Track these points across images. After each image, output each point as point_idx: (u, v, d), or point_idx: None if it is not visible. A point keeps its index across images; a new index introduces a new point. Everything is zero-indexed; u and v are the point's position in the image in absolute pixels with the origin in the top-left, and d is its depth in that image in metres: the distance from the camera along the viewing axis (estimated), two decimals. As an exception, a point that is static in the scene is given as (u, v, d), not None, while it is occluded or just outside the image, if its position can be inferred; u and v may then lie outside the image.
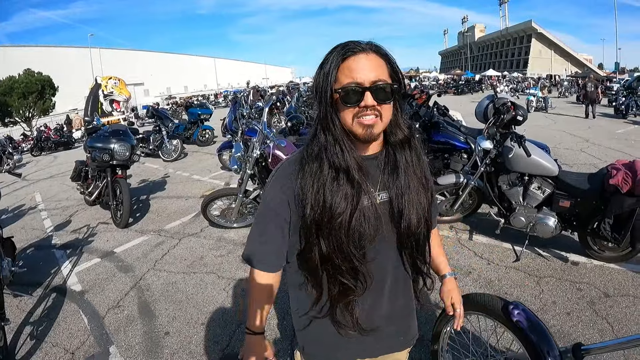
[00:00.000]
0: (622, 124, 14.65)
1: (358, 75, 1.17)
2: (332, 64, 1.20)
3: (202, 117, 14.60)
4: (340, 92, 1.19)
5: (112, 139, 6.53)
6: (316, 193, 1.25)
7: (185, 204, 7.50)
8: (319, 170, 1.25)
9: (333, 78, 1.19)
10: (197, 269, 4.71)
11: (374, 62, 1.20)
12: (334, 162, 1.24)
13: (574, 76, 42.36)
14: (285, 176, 1.32)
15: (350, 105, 1.19)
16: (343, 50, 1.19)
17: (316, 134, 1.29)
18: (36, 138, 21.95)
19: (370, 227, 1.28)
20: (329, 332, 1.43)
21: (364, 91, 1.17)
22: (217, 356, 3.18)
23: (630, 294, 3.56)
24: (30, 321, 3.93)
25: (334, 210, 1.23)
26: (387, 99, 1.21)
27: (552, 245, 4.48)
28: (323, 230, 1.26)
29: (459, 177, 4.85)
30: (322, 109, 1.24)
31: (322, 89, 1.22)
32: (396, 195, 1.32)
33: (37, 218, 7.76)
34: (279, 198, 1.31)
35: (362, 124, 1.21)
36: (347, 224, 1.24)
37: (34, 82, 39.19)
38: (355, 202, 1.24)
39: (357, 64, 1.18)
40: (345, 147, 1.24)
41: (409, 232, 1.35)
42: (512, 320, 1.84)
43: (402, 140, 1.32)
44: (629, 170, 3.61)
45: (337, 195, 1.24)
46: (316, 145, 1.28)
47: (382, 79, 1.19)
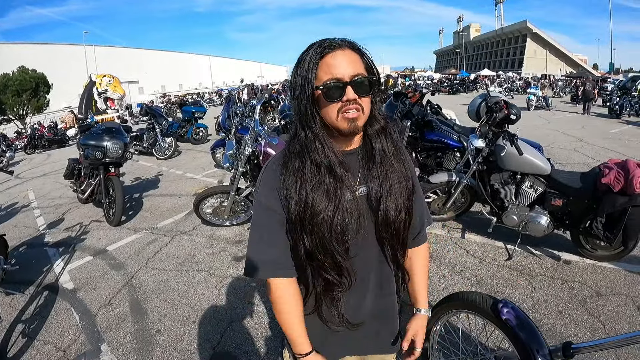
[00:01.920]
0: (616, 123, 14.73)
1: (338, 71, 1.19)
2: (311, 62, 1.20)
3: (196, 115, 14.57)
4: (322, 89, 1.19)
5: (105, 136, 6.50)
6: (299, 190, 1.25)
7: (178, 202, 7.48)
8: (301, 167, 1.26)
9: (313, 75, 1.20)
10: (189, 266, 4.70)
11: (350, 57, 1.22)
12: (316, 159, 1.25)
13: (569, 76, 42.52)
14: (272, 175, 1.32)
15: (333, 100, 1.20)
16: (320, 48, 1.20)
17: (296, 132, 1.30)
18: (30, 136, 21.82)
19: (353, 221, 1.29)
20: (316, 329, 1.42)
21: (345, 86, 1.19)
22: (208, 354, 3.17)
23: (622, 293, 3.57)
24: (22, 319, 3.91)
25: (316, 207, 1.24)
26: (367, 92, 1.23)
27: (544, 243, 4.50)
28: (306, 226, 1.26)
29: (452, 176, 4.85)
30: (302, 106, 1.25)
31: (302, 87, 1.22)
32: (373, 186, 1.33)
33: (29, 216, 7.71)
34: (272, 196, 1.30)
35: (346, 118, 1.22)
36: (330, 220, 1.25)
37: (28, 80, 38.92)
38: (338, 198, 1.25)
39: (335, 60, 1.20)
40: (325, 144, 1.25)
41: (387, 222, 1.34)
42: (502, 318, 1.84)
43: (379, 130, 1.34)
44: (621, 170, 3.63)
45: (318, 192, 1.25)
46: (297, 143, 1.29)
47: (360, 72, 1.21)
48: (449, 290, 3.73)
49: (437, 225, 5.29)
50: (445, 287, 3.85)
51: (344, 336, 1.45)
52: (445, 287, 3.85)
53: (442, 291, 3.75)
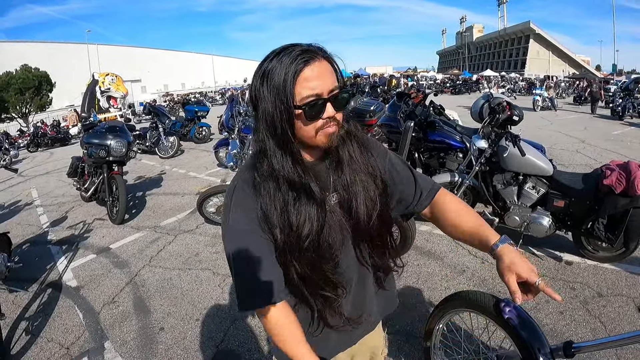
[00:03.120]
0: (619, 125, 14.68)
1: (316, 86, 1.09)
2: (287, 76, 1.08)
3: (199, 115, 14.58)
4: (304, 108, 1.10)
5: (109, 135, 6.54)
6: (280, 215, 1.18)
7: (182, 200, 7.51)
8: (277, 191, 1.18)
9: (291, 92, 1.08)
10: (192, 265, 4.72)
11: (326, 68, 1.13)
12: (295, 184, 1.17)
13: (572, 77, 42.40)
14: (244, 197, 1.22)
15: (314, 119, 1.13)
16: (297, 60, 1.08)
17: (264, 151, 1.19)
18: (33, 134, 21.84)
19: (337, 235, 1.25)
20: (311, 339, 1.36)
21: (324, 102, 1.12)
22: (211, 352, 3.19)
23: (624, 294, 3.58)
24: (26, 316, 3.94)
25: (302, 233, 1.18)
26: (343, 106, 1.18)
27: (546, 244, 4.51)
28: (294, 251, 1.21)
29: (454, 176, 4.86)
30: (276, 125, 1.13)
31: (275, 104, 1.11)
32: (344, 192, 1.27)
33: (33, 214, 7.75)
34: (250, 220, 1.20)
35: (327, 133, 1.16)
36: (317, 242, 1.21)
37: (31, 78, 39.07)
38: (321, 219, 1.20)
39: (312, 73, 1.09)
40: (303, 166, 1.19)
41: (359, 227, 1.29)
42: (504, 317, 1.85)
43: (344, 135, 1.24)
44: (623, 171, 3.63)
45: (300, 217, 1.18)
46: (267, 164, 1.18)
47: (335, 86, 1.14)
48: (451, 290, 3.74)
49: (439, 225, 5.28)
50: (447, 287, 3.86)
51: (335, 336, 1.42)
52: (447, 287, 3.86)
53: (444, 291, 3.77)
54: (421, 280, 4.02)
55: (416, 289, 3.83)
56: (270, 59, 1.12)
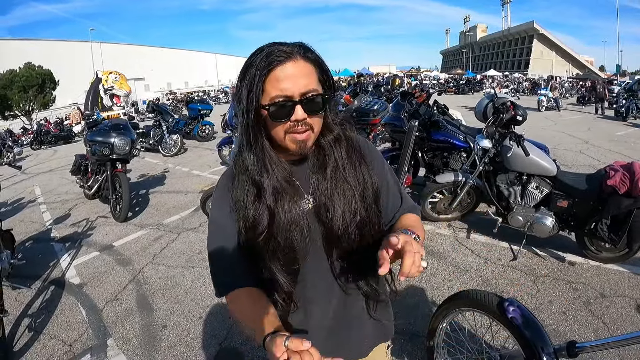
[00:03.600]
0: (622, 126, 14.66)
1: (286, 87, 1.07)
2: (257, 73, 1.07)
3: (202, 113, 14.60)
4: (268, 109, 1.08)
5: (113, 133, 6.55)
6: (246, 208, 1.18)
7: (185, 198, 7.52)
8: (247, 184, 1.19)
9: (259, 90, 1.08)
10: (195, 263, 4.73)
11: (302, 69, 1.09)
12: (259, 177, 1.16)
13: (576, 78, 42.35)
14: (222, 190, 1.26)
15: (280, 121, 1.10)
16: (268, 58, 1.07)
17: (241, 145, 1.21)
18: (36, 132, 21.89)
19: (302, 238, 1.20)
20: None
21: (294, 105, 1.08)
22: (214, 350, 3.20)
23: (627, 295, 3.58)
24: (29, 313, 3.95)
25: (257, 227, 1.17)
26: (318, 111, 1.13)
27: (549, 245, 4.50)
28: (251, 245, 1.20)
29: (458, 176, 4.86)
30: (245, 122, 1.14)
31: (246, 101, 1.10)
32: (321, 197, 1.22)
33: (36, 211, 7.77)
34: (224, 213, 1.23)
35: (295, 139, 1.12)
36: (272, 240, 1.18)
37: (34, 76, 39.12)
38: (283, 218, 1.17)
39: (284, 73, 1.07)
40: (271, 160, 1.17)
41: (332, 237, 1.23)
42: (507, 317, 1.86)
43: (332, 140, 1.23)
44: (627, 172, 3.63)
45: (258, 211, 1.17)
46: (242, 160, 1.20)
47: (311, 88, 1.09)
48: (454, 289, 3.73)
49: (442, 225, 5.30)
50: (450, 286, 3.86)
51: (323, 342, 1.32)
52: (450, 286, 3.86)
53: (448, 290, 3.77)
54: (424, 279, 4.01)
55: (419, 288, 3.83)
56: (253, 55, 1.11)
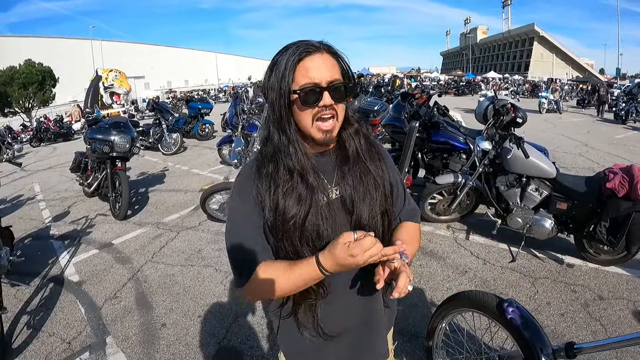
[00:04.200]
0: (622, 129, 14.70)
1: (315, 75, 1.16)
2: (288, 64, 1.16)
3: (202, 112, 14.59)
4: (299, 93, 1.17)
5: (113, 130, 6.54)
6: (272, 195, 1.23)
7: (184, 197, 7.52)
8: (274, 172, 1.24)
9: (290, 79, 1.17)
10: (194, 262, 4.74)
11: (328, 62, 1.20)
12: (288, 164, 1.22)
13: (576, 80, 42.41)
14: (245, 181, 1.30)
15: (309, 105, 1.18)
16: (298, 50, 1.17)
17: (269, 135, 1.28)
18: (35, 129, 21.85)
19: (327, 226, 1.25)
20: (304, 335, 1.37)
21: (322, 91, 1.17)
22: (213, 348, 3.20)
23: (624, 297, 3.60)
24: (28, 310, 3.95)
25: (287, 214, 1.21)
26: (343, 98, 1.21)
27: (548, 247, 4.51)
28: (279, 233, 1.24)
29: (457, 177, 4.87)
30: (277, 109, 1.21)
31: (277, 90, 1.19)
32: (347, 188, 1.30)
33: (35, 208, 7.76)
34: (247, 202, 1.27)
35: (321, 129, 1.21)
36: (300, 227, 1.22)
37: (34, 73, 39.10)
38: (308, 205, 1.22)
39: (313, 63, 1.17)
40: (299, 149, 1.23)
41: (361, 226, 1.29)
42: (507, 317, 1.86)
43: (353, 133, 1.32)
44: (626, 175, 3.64)
45: (290, 198, 1.21)
46: (270, 147, 1.26)
47: (336, 78, 1.19)
48: (453, 290, 3.74)
49: (442, 226, 5.31)
50: (449, 287, 3.87)
51: (336, 344, 1.39)
52: (449, 287, 3.87)
53: (446, 291, 3.78)
54: (423, 280, 4.02)
55: (418, 289, 3.84)
56: (280, 52, 1.21)
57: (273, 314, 1.47)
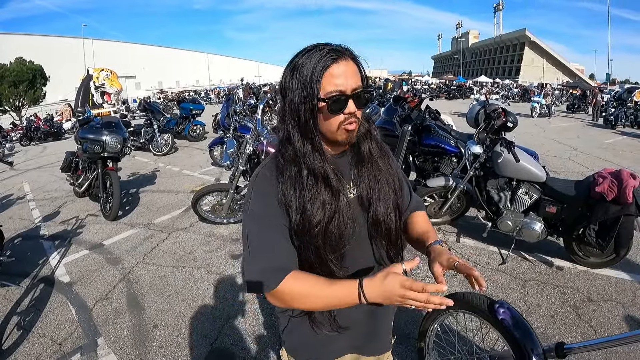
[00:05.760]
0: (611, 134, 14.86)
1: (341, 83, 1.17)
2: (315, 70, 1.16)
3: (194, 113, 14.53)
4: (327, 101, 1.17)
5: (104, 130, 6.50)
6: (298, 198, 1.24)
7: (175, 198, 7.49)
8: (298, 175, 1.25)
9: (317, 85, 1.16)
10: (186, 263, 4.73)
11: (352, 68, 1.20)
12: (314, 169, 1.23)
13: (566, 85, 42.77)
14: (267, 183, 1.28)
15: (335, 113, 1.19)
16: (325, 57, 1.16)
17: (289, 138, 1.27)
18: (26, 128, 21.65)
19: (348, 226, 1.29)
20: (314, 332, 1.41)
21: (347, 99, 1.19)
22: (205, 350, 3.20)
23: (613, 299, 3.65)
24: (18, 311, 3.91)
25: (313, 218, 1.23)
26: (364, 105, 1.24)
27: (537, 249, 4.56)
28: (304, 235, 1.25)
29: (448, 180, 4.91)
30: (302, 115, 1.21)
31: (302, 96, 1.18)
32: (364, 188, 1.34)
33: (25, 208, 7.69)
34: (270, 204, 1.26)
35: (346, 130, 1.23)
36: (325, 231, 1.25)
37: (25, 71, 38.74)
38: (333, 209, 1.25)
39: (339, 71, 1.17)
40: (323, 154, 1.25)
41: (377, 222, 1.36)
42: (498, 318, 1.88)
43: (365, 134, 1.36)
44: (615, 179, 3.70)
45: (315, 203, 1.23)
46: (291, 150, 1.26)
47: (359, 85, 1.21)
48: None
49: (432, 228, 5.33)
50: (439, 289, 3.89)
51: (346, 336, 1.44)
52: (439, 289, 3.89)
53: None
54: (414, 282, 4.04)
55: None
56: (302, 55, 1.20)
57: (281, 313, 1.50)
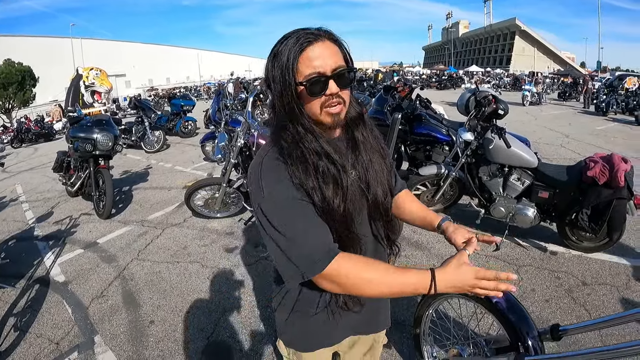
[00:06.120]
0: (603, 121, 14.95)
1: (319, 64, 1.16)
2: (290, 55, 1.16)
3: (184, 109, 14.48)
4: (305, 84, 1.17)
5: (95, 128, 6.45)
6: (311, 178, 1.22)
7: (168, 194, 7.47)
8: (303, 157, 1.22)
9: (294, 70, 1.16)
10: (180, 258, 4.72)
11: (330, 49, 1.19)
12: (315, 148, 1.22)
13: (557, 74, 42.93)
14: (276, 167, 1.24)
15: (316, 95, 1.19)
16: (299, 40, 1.16)
17: (284, 126, 1.26)
18: (16, 129, 21.51)
19: (356, 203, 1.31)
20: (318, 322, 1.44)
21: (327, 80, 1.18)
22: (202, 344, 3.20)
23: (608, 283, 3.68)
24: (14, 313, 3.88)
25: (327, 195, 1.22)
26: (347, 84, 1.23)
27: (531, 235, 4.59)
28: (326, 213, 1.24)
29: (440, 168, 4.91)
30: (285, 102, 1.21)
31: (282, 82, 1.19)
32: (361, 170, 1.34)
33: (18, 210, 7.63)
34: (283, 186, 1.21)
35: (329, 113, 1.22)
36: (342, 206, 1.25)
37: (14, 73, 38.39)
38: (344, 184, 1.25)
39: (315, 52, 1.16)
40: (316, 134, 1.24)
41: (377, 204, 1.38)
42: (492, 302, 1.90)
43: (356, 117, 1.36)
44: (607, 163, 3.72)
45: (327, 179, 1.22)
46: (289, 135, 1.25)
47: (340, 64, 1.20)
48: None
49: (426, 217, 5.34)
50: (435, 277, 3.90)
51: (349, 319, 1.46)
52: (435, 277, 3.90)
53: (432, 281, 3.81)
54: (409, 271, 4.05)
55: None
56: (280, 42, 1.20)
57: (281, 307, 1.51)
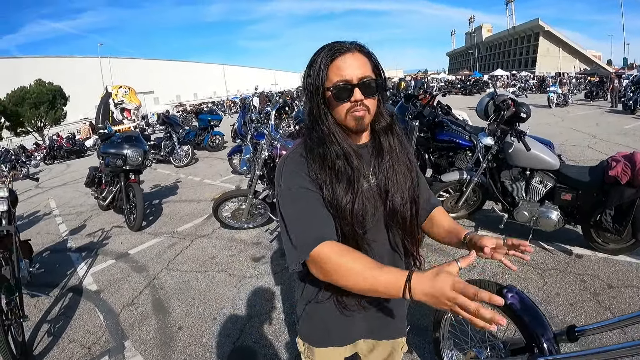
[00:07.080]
0: (631, 119, 14.54)
1: (346, 73, 1.27)
2: (321, 64, 1.29)
3: (212, 123, 14.75)
4: (332, 90, 1.29)
5: (125, 144, 6.67)
6: (326, 175, 1.33)
7: (197, 207, 7.63)
8: (324, 154, 1.34)
9: (324, 77, 1.29)
10: (209, 267, 4.83)
11: (359, 60, 1.30)
12: (335, 149, 1.33)
13: (583, 73, 42.03)
14: (297, 163, 1.37)
15: (342, 101, 1.29)
16: (331, 51, 1.28)
17: (313, 127, 1.38)
18: (49, 147, 22.18)
19: (371, 206, 1.37)
20: (330, 316, 1.49)
21: (353, 88, 1.28)
22: (228, 349, 3.28)
23: (635, 285, 3.61)
24: (48, 319, 4.07)
25: (339, 195, 1.32)
26: (373, 94, 1.32)
27: (555, 238, 4.54)
28: (334, 209, 1.33)
29: (462, 174, 4.91)
30: (315, 105, 1.34)
31: (314, 88, 1.32)
32: (382, 178, 1.41)
33: (52, 223, 7.91)
34: (303, 179, 1.33)
35: (354, 116, 1.31)
36: (352, 206, 1.32)
37: (45, 92, 39.67)
38: (357, 186, 1.33)
39: (344, 62, 1.28)
40: (339, 137, 1.33)
41: (394, 212, 1.42)
42: (506, 303, 1.91)
43: (385, 127, 1.43)
44: (629, 162, 3.67)
45: (341, 179, 1.33)
46: (315, 135, 1.37)
47: (367, 75, 1.29)
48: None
49: (450, 223, 5.33)
50: (458, 282, 3.90)
51: (360, 320, 1.52)
52: (458, 282, 3.90)
53: (455, 286, 3.81)
54: (432, 276, 4.06)
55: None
56: (316, 53, 1.33)
57: (299, 301, 1.59)
